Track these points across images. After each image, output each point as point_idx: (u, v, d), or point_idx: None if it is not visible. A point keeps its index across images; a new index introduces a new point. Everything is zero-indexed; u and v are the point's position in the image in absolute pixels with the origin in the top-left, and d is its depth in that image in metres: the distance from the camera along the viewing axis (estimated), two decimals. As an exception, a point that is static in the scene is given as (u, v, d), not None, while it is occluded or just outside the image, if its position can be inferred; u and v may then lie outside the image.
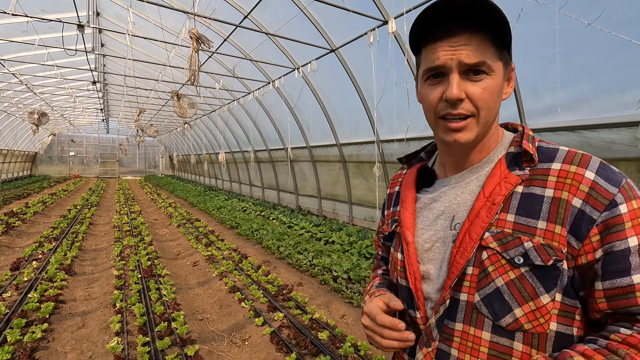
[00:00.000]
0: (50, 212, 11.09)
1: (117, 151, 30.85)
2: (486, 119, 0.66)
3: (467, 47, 0.62)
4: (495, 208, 0.65)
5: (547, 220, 0.61)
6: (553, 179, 0.63)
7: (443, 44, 0.64)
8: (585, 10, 3.45)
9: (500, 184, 0.67)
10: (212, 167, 19.51)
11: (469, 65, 0.63)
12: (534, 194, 0.64)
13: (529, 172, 0.66)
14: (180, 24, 7.04)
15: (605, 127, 3.78)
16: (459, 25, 0.63)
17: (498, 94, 0.66)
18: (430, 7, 0.63)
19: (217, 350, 3.39)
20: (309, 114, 8.17)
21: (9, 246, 6.86)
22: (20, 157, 22.71)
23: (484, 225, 0.65)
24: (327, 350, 3.17)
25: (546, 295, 0.60)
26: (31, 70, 10.18)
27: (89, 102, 16.72)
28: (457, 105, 0.64)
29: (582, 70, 3.90)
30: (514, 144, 0.72)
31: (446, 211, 0.74)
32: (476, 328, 0.64)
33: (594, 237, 0.58)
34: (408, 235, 0.77)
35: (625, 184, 0.60)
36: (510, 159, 0.69)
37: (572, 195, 0.60)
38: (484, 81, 0.64)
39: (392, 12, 4.79)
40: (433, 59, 0.65)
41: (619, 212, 0.57)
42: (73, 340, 3.54)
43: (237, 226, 8.68)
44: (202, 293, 4.85)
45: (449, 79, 0.64)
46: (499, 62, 0.65)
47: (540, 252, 0.60)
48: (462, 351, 0.65)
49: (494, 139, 0.73)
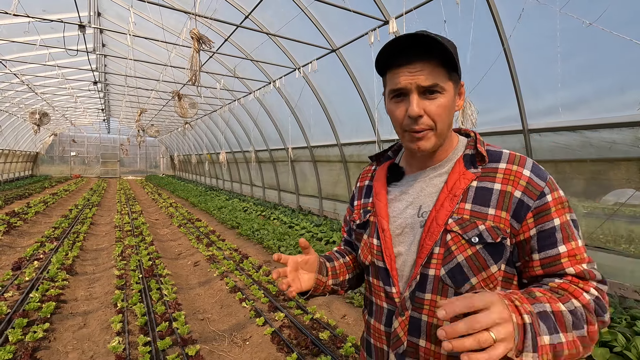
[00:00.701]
0: (52, 212, 11.12)
1: (118, 151, 30.89)
2: (441, 130, 0.81)
3: (422, 72, 0.77)
4: (456, 199, 0.81)
5: (496, 208, 0.78)
6: (500, 176, 0.80)
7: (404, 70, 0.78)
8: (586, 10, 3.45)
9: (459, 179, 0.82)
10: (213, 167, 19.52)
11: (425, 87, 0.77)
12: (486, 187, 0.80)
13: (481, 170, 0.82)
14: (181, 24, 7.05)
15: (607, 127, 3.77)
16: (416, 55, 0.77)
17: (450, 109, 0.81)
18: (393, 41, 0.77)
19: (218, 350, 3.40)
20: (310, 114, 8.18)
21: (10, 246, 6.87)
22: (22, 157, 22.75)
23: (447, 213, 0.80)
24: (328, 350, 3.17)
25: (494, 265, 0.77)
26: (32, 70, 10.19)
27: (90, 102, 16.75)
28: (417, 121, 0.79)
29: (583, 70, 3.89)
30: (469, 147, 0.88)
31: (414, 202, 0.88)
32: (442, 296, 0.79)
33: (529, 219, 0.76)
34: (384, 224, 0.90)
35: (549, 179, 0.78)
36: (467, 159, 0.85)
37: (514, 189, 0.77)
38: (438, 99, 0.78)
39: (393, 12, 4.79)
40: (396, 82, 0.79)
41: (546, 200, 0.76)
42: (74, 340, 3.55)
43: (238, 226, 8.68)
44: (203, 293, 4.85)
45: (410, 98, 0.79)
46: (449, 82, 0.80)
47: (491, 233, 0.76)
48: (430, 316, 0.80)
49: (450, 143, 0.89)
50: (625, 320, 3.44)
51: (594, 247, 4.24)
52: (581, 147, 4.09)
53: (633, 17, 3.35)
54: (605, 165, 4.06)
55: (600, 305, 0.71)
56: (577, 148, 4.12)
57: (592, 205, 4.33)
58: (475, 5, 4.04)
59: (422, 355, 0.80)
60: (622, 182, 3.97)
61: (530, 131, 4.41)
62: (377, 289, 0.90)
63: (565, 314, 0.66)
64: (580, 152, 4.11)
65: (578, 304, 0.68)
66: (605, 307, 0.71)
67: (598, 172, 4.16)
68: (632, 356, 2.95)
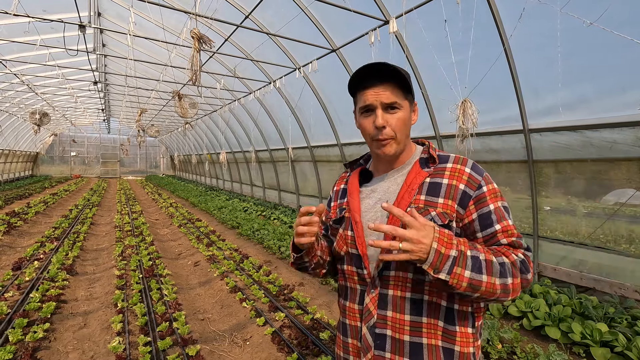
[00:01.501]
0: (52, 212, 11.12)
1: (119, 151, 30.89)
2: (400, 138, 1.02)
3: (385, 92, 0.98)
4: (413, 192, 1.00)
5: (444, 197, 0.97)
6: (448, 173, 1.00)
7: (370, 91, 1.00)
8: (587, 9, 3.44)
9: (416, 177, 1.02)
10: (213, 167, 19.52)
11: (387, 104, 0.99)
12: (437, 182, 1.00)
13: (433, 169, 1.03)
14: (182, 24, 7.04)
15: (607, 127, 3.77)
16: (380, 79, 0.99)
17: (407, 122, 1.02)
18: (361, 69, 0.99)
19: (218, 350, 3.39)
20: (310, 113, 8.17)
21: (10, 246, 6.87)
22: (22, 157, 22.75)
23: (406, 204, 0.99)
24: (328, 351, 3.17)
25: None
26: (33, 70, 10.19)
27: (90, 102, 16.74)
28: (381, 130, 0.99)
29: (583, 70, 3.89)
30: (424, 152, 1.08)
31: (382, 198, 1.07)
32: (404, 272, 0.97)
33: (471, 206, 0.96)
34: (356, 217, 1.08)
35: (485, 174, 1.00)
36: (422, 162, 1.06)
37: (459, 182, 0.98)
38: (397, 114, 1.00)
39: (393, 12, 4.78)
40: (364, 100, 1.01)
41: (483, 191, 0.97)
42: (75, 340, 3.55)
43: (238, 226, 8.68)
44: (204, 293, 4.85)
45: (376, 113, 1.00)
46: (405, 101, 1.01)
47: (440, 217, 0.95)
48: (395, 289, 0.97)
49: (409, 150, 1.10)
50: (626, 320, 3.44)
51: (594, 246, 4.24)
52: (582, 147, 4.08)
53: (634, 17, 3.35)
54: (606, 165, 4.06)
55: (525, 266, 0.91)
56: (577, 148, 4.12)
57: (592, 205, 4.32)
58: (476, 4, 4.03)
59: (389, 324, 0.97)
60: (622, 182, 3.97)
61: (531, 131, 4.41)
62: (351, 274, 1.08)
63: (494, 264, 0.86)
64: (581, 152, 4.11)
65: (507, 261, 0.89)
66: (529, 268, 0.92)
67: (598, 172, 4.16)
68: (633, 356, 2.95)
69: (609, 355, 3.03)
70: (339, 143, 7.82)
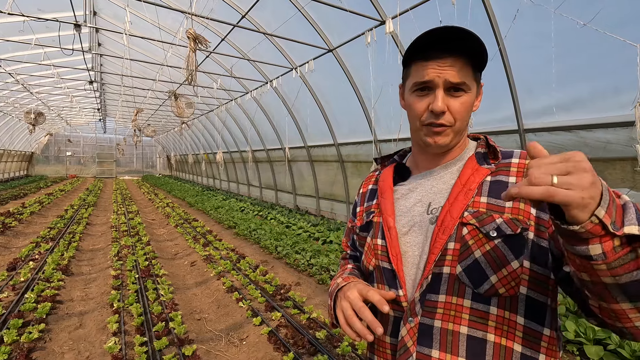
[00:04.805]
0: (47, 212, 11.05)
1: (115, 151, 30.71)
2: (460, 128, 0.80)
3: (452, 68, 0.75)
4: (471, 193, 0.77)
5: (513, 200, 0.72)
6: (514, 169, 0.78)
7: (433, 63, 0.76)
8: (581, 10, 3.47)
9: (473, 174, 0.80)
10: (209, 167, 19.47)
11: (452, 84, 0.75)
12: (501, 180, 0.77)
13: (494, 166, 0.80)
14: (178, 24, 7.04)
15: (601, 127, 3.81)
16: (447, 50, 0.74)
17: (471, 108, 0.80)
18: (427, 32, 0.74)
19: (214, 350, 3.39)
20: (307, 113, 8.18)
21: (5, 246, 6.83)
22: (17, 157, 22.59)
23: (463, 206, 0.76)
24: (324, 350, 3.18)
25: (515, 261, 0.71)
26: (28, 69, 10.13)
27: (86, 102, 16.65)
28: (439, 117, 0.77)
29: (577, 71, 3.92)
30: (481, 146, 0.86)
31: (422, 199, 0.84)
32: (458, 297, 0.72)
33: None
34: (390, 221, 0.85)
35: None
36: (479, 157, 0.84)
37: None
38: (462, 97, 0.77)
39: (390, 12, 4.80)
40: (422, 75, 0.77)
41: None
42: (70, 341, 3.54)
43: (235, 226, 8.67)
44: (200, 293, 4.84)
45: (435, 93, 0.76)
46: (474, 82, 0.79)
47: (509, 225, 0.72)
48: (445, 320, 0.73)
49: (462, 144, 0.87)
50: (620, 318, 3.47)
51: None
52: (577, 147, 4.12)
53: (627, 18, 3.38)
54: (600, 165, 4.09)
55: None
56: (572, 148, 4.15)
57: (586, 204, 4.35)
58: (471, 5, 4.06)
59: None
60: (617, 181, 4.01)
61: (526, 131, 4.44)
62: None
63: None
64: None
65: None
66: None
67: (593, 172, 4.19)
68: (625, 353, 2.98)
69: (602, 352, 3.06)
70: (335, 143, 7.83)
